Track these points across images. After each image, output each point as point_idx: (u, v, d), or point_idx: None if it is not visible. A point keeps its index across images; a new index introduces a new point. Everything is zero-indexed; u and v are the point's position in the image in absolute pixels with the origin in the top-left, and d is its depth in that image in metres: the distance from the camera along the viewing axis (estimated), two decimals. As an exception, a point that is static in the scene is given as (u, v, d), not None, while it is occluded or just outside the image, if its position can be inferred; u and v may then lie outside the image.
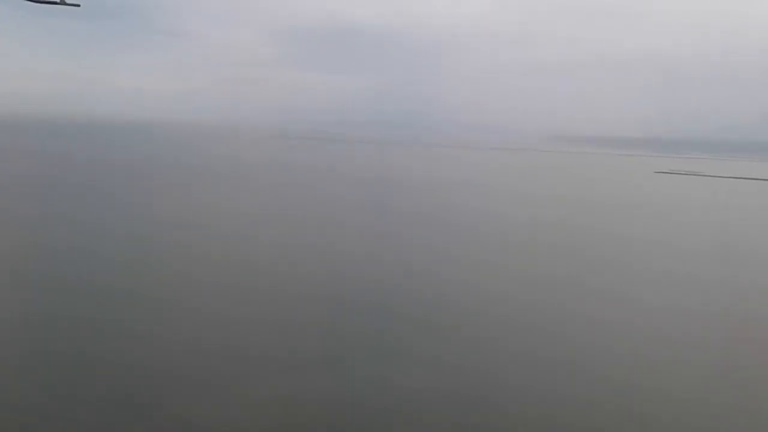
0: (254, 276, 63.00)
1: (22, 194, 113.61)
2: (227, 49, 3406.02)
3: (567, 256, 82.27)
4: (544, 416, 35.22)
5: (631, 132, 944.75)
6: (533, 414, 35.51)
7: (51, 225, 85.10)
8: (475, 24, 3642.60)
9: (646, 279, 70.64)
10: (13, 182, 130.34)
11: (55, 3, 51.89)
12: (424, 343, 45.78)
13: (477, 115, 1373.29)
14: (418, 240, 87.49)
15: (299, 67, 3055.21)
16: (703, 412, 37.32)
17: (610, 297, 61.79)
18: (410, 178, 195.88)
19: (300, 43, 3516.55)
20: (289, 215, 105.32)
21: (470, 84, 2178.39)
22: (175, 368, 39.16)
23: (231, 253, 72.43)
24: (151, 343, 42.86)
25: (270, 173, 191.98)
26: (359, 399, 36.40)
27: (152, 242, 77.09)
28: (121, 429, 31.63)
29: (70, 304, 50.23)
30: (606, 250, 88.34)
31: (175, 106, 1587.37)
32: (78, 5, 51.62)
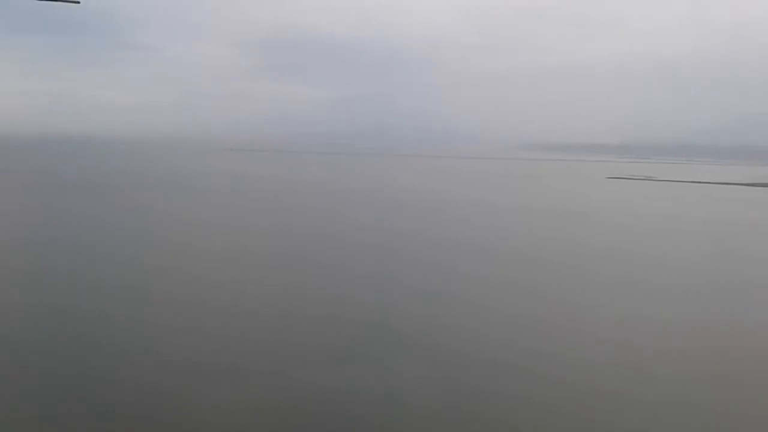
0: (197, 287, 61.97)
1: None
2: (198, 63, 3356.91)
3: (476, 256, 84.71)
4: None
5: (603, 138, 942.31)
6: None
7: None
8: (442, 34, 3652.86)
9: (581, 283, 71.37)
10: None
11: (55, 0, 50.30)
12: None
13: (449, 124, 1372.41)
14: (372, 247, 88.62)
15: (271, 80, 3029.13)
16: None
17: (533, 297, 62.72)
18: (378, 189, 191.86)
19: (271, 55, 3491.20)
20: (254, 229, 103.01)
21: (442, 93, 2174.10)
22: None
23: (186, 266, 71.28)
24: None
25: (239, 187, 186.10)
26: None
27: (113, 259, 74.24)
28: None
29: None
30: (523, 252, 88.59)
31: (145, 121, 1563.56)
32: (78, 2, 49.02)
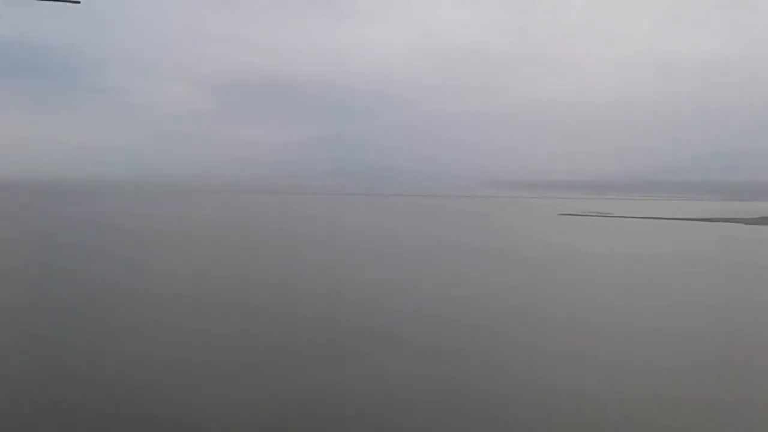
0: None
1: None
2: (161, 104, 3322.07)
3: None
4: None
5: (565, 176, 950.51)
6: None
7: None
8: (404, 76, 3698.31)
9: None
10: None
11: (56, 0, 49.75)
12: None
13: (416, 163, 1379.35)
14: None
15: (239, 121, 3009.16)
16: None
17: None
18: (321, 228, 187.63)
19: (239, 97, 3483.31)
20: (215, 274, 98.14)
21: (407, 134, 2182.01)
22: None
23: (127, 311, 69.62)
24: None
25: (198, 230, 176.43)
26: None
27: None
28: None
29: None
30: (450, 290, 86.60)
31: (108, 163, 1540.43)
32: (78, 2, 49.40)
